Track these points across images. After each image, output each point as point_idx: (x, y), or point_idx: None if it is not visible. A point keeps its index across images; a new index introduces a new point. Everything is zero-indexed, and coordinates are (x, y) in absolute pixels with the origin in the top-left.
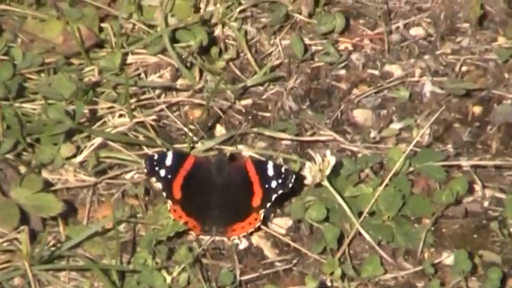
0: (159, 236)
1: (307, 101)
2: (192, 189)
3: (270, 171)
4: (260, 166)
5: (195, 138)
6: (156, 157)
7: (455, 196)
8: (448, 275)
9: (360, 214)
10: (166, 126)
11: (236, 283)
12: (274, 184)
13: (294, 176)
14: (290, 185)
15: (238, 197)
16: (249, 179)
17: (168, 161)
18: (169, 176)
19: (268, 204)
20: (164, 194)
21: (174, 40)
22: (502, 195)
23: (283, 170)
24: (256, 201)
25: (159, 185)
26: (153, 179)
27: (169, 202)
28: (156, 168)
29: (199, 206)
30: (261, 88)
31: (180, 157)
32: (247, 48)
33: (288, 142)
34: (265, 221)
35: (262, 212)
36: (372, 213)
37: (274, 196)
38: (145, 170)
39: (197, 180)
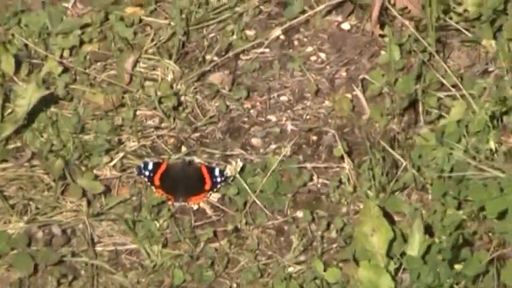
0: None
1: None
2: (168, 179)
3: (217, 173)
4: (211, 169)
5: (171, 153)
6: (142, 165)
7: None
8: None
9: None
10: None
11: (192, 228)
12: (219, 180)
13: (232, 178)
14: (230, 182)
15: (194, 183)
16: (203, 175)
17: (150, 166)
18: (151, 174)
19: (215, 190)
20: (149, 184)
21: None
22: None
23: (225, 172)
24: (207, 187)
25: (145, 180)
26: (142, 177)
27: (153, 188)
28: (142, 171)
29: (172, 187)
30: None
31: (156, 164)
32: None
33: (217, 156)
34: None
35: (210, 193)
36: None
37: (218, 186)
38: (136, 173)
39: (170, 174)
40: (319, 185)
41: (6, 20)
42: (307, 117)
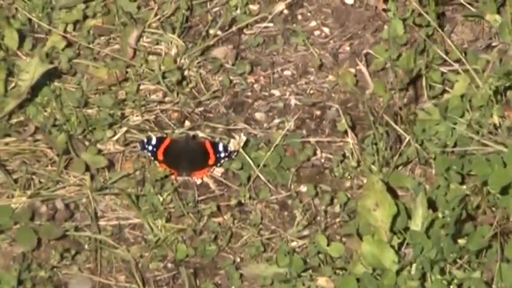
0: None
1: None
2: (171, 154)
3: (221, 148)
4: (214, 144)
5: (175, 128)
6: (145, 140)
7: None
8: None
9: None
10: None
11: (195, 202)
12: (223, 155)
13: (236, 152)
14: (233, 157)
15: (198, 158)
16: (207, 150)
17: (153, 141)
18: (154, 149)
19: (218, 164)
20: (152, 158)
21: None
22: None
23: (228, 148)
24: (211, 162)
25: (149, 154)
26: (145, 152)
27: (156, 162)
28: (146, 146)
29: (176, 162)
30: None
31: (160, 138)
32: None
33: (221, 130)
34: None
35: (213, 168)
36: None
37: (222, 161)
38: (139, 148)
39: (174, 149)
40: (322, 160)
41: None
42: (311, 91)
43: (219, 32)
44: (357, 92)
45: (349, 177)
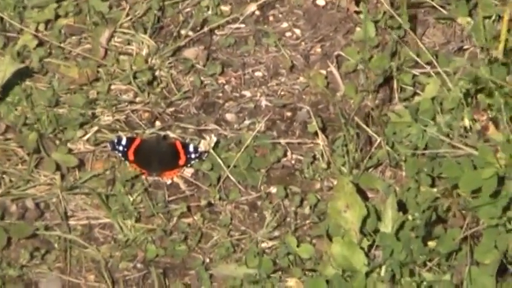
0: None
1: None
2: (142, 154)
3: (191, 149)
4: (185, 145)
5: (145, 128)
6: (116, 140)
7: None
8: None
9: None
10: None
11: (165, 202)
12: (193, 156)
13: (206, 153)
14: (204, 158)
15: (168, 158)
16: (177, 150)
17: (124, 141)
18: (125, 149)
19: (189, 165)
20: (123, 158)
21: None
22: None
23: (199, 148)
24: (181, 162)
25: (119, 154)
26: (115, 152)
27: (127, 162)
28: (116, 146)
29: (146, 162)
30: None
31: (130, 138)
32: None
33: (192, 130)
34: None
35: (184, 168)
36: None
37: (192, 162)
38: (110, 148)
39: (144, 149)
40: (293, 161)
41: None
42: (282, 93)
43: (190, 33)
44: (327, 93)
45: (319, 179)
